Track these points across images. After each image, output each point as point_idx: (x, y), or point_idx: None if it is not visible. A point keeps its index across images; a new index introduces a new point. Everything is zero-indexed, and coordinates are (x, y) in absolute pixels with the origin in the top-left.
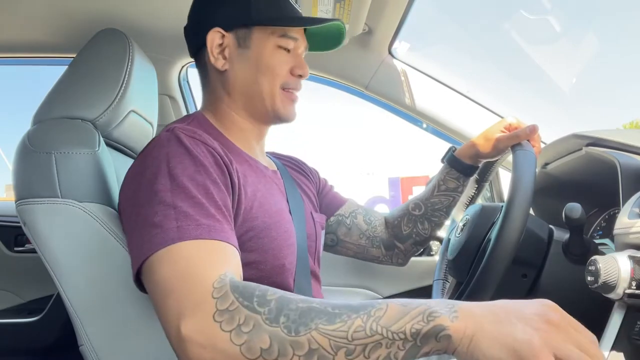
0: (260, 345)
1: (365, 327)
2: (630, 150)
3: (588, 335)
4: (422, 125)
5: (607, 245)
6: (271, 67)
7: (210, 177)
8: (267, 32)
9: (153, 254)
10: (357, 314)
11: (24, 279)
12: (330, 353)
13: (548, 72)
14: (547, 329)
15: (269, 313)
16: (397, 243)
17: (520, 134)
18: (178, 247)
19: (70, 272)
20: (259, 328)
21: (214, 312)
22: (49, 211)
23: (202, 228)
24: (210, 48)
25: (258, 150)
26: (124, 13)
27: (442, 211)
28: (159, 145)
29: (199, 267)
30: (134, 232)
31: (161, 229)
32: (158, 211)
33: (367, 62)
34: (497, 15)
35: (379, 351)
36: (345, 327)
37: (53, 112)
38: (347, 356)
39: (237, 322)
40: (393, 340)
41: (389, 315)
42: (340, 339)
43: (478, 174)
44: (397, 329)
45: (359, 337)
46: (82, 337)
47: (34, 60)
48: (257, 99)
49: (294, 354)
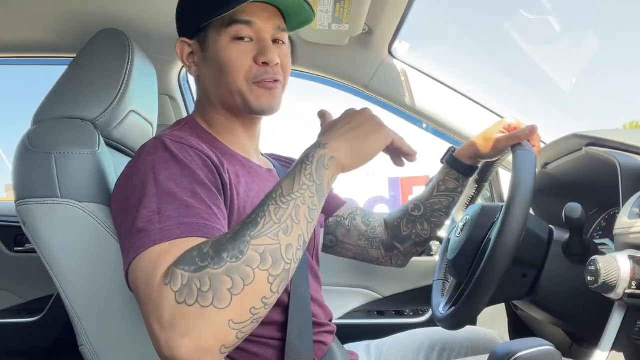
0: (226, 287)
1: (279, 206)
2: (630, 150)
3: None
4: (422, 125)
5: (607, 245)
6: (228, 63)
7: (197, 179)
8: (218, 27)
9: (135, 258)
10: (266, 205)
11: (24, 279)
12: (274, 244)
13: (548, 72)
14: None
15: (212, 260)
16: (396, 244)
17: (519, 135)
18: (146, 255)
19: (70, 272)
20: (214, 277)
21: (174, 297)
22: (48, 211)
23: (183, 227)
24: (181, 58)
25: (252, 149)
26: (124, 13)
27: (441, 212)
28: (146, 153)
29: (153, 273)
30: (122, 239)
31: (145, 233)
32: (144, 217)
33: (367, 62)
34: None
35: (301, 210)
36: (268, 218)
37: (53, 112)
38: (286, 235)
39: (196, 289)
40: (303, 195)
41: (287, 186)
42: (272, 228)
43: (478, 174)
44: (298, 187)
45: (282, 214)
46: (82, 337)
47: (34, 60)
48: (227, 97)
49: (253, 269)
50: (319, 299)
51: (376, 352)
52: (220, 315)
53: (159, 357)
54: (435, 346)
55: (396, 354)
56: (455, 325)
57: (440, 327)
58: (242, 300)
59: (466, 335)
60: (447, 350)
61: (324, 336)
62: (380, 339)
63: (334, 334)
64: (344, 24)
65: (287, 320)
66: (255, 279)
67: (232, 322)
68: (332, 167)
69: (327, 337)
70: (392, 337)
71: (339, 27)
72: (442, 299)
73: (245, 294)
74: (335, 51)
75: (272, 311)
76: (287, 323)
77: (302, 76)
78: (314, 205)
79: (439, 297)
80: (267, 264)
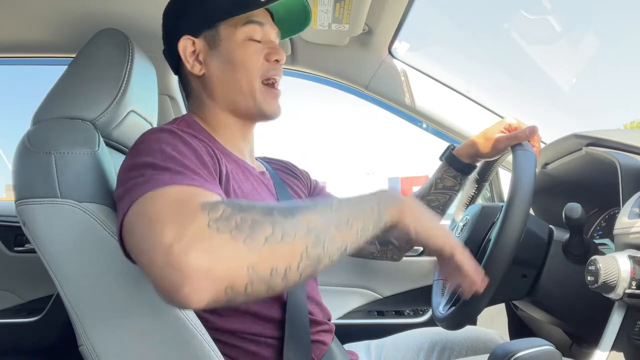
0: (264, 234)
1: (341, 208)
2: (630, 150)
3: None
4: (422, 125)
5: (607, 245)
6: (244, 60)
7: (200, 159)
8: (231, 26)
9: (141, 196)
10: (328, 204)
11: (24, 279)
12: (324, 227)
13: (548, 72)
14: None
15: (262, 210)
16: (391, 239)
17: (519, 135)
18: (169, 189)
19: (69, 272)
20: (256, 222)
21: (207, 222)
22: (48, 211)
23: (196, 180)
24: (184, 56)
25: (246, 152)
26: (124, 13)
27: (438, 209)
28: (150, 133)
29: (187, 199)
30: (122, 197)
31: (152, 179)
32: (149, 173)
33: (367, 62)
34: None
35: (356, 223)
36: (328, 209)
37: (53, 112)
38: (336, 229)
39: (234, 223)
40: (364, 213)
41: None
42: (327, 216)
43: (478, 174)
44: (366, 205)
45: (340, 214)
46: (82, 337)
47: (34, 60)
48: (239, 97)
49: (296, 234)
50: (316, 297)
51: (376, 352)
52: (245, 254)
53: (160, 266)
54: (435, 346)
55: (396, 354)
56: (455, 325)
57: (440, 327)
58: (271, 253)
59: (466, 335)
60: (447, 350)
61: (322, 335)
62: (380, 339)
63: (333, 334)
64: (344, 24)
65: (284, 319)
66: (293, 242)
67: (251, 267)
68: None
69: (325, 336)
70: (392, 337)
71: (339, 27)
72: (442, 299)
73: (277, 249)
74: (335, 51)
75: (270, 309)
76: (285, 322)
77: (302, 76)
78: (367, 229)
79: (439, 297)
80: (310, 238)
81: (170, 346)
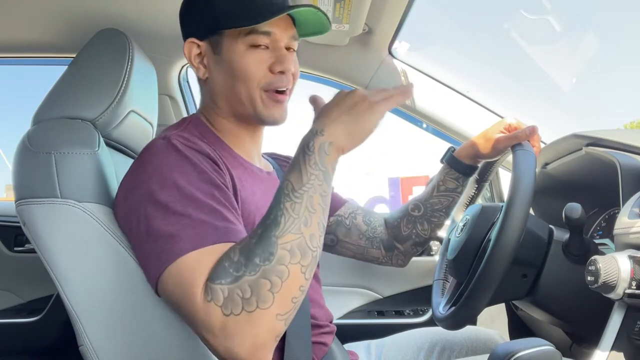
0: (266, 289)
1: (294, 201)
2: (630, 150)
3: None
4: (422, 125)
5: (607, 245)
6: (244, 71)
7: (213, 182)
8: (234, 34)
9: (172, 263)
10: (281, 203)
11: (24, 279)
12: (299, 237)
13: (548, 72)
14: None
15: (246, 268)
16: (396, 244)
17: (520, 135)
18: (191, 256)
19: (69, 272)
20: (253, 283)
21: (220, 311)
22: (48, 211)
23: (219, 231)
24: (189, 58)
25: (254, 152)
26: (124, 13)
27: (441, 212)
28: (159, 154)
29: (197, 280)
30: (146, 243)
31: (179, 237)
32: (173, 222)
33: (367, 62)
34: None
35: (314, 199)
36: (287, 215)
37: (53, 112)
38: (307, 226)
39: (239, 298)
40: (313, 186)
41: (295, 180)
42: (293, 224)
43: (478, 174)
44: (307, 179)
45: (298, 208)
46: (82, 337)
47: (34, 60)
48: (238, 105)
49: (286, 265)
50: (319, 301)
51: (376, 352)
52: (267, 313)
53: (216, 352)
54: (435, 346)
55: (396, 354)
56: (455, 325)
57: (440, 327)
58: (283, 295)
59: (466, 335)
60: (447, 350)
61: (323, 337)
62: (380, 339)
63: (334, 334)
64: (344, 24)
65: None
66: (290, 273)
67: (279, 315)
68: (333, 152)
69: (327, 337)
70: (392, 337)
71: (339, 27)
72: (442, 299)
73: (285, 288)
74: (335, 51)
75: None
76: None
77: (302, 76)
78: (325, 192)
79: (439, 297)
80: (297, 257)
81: (170, 346)
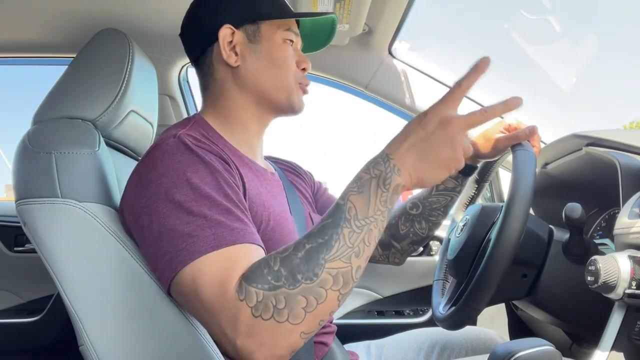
0: (300, 306)
1: (353, 230)
2: (630, 150)
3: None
4: None
5: (607, 245)
6: (284, 60)
7: (226, 182)
8: (274, 27)
9: (189, 263)
10: (339, 227)
11: (24, 279)
12: (347, 267)
13: (548, 72)
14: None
15: (287, 280)
16: (394, 242)
17: (520, 135)
18: (212, 257)
19: (70, 272)
20: (290, 297)
21: (250, 312)
22: (49, 211)
23: (236, 232)
24: (223, 45)
25: (257, 150)
26: (124, 13)
27: (439, 210)
28: (169, 153)
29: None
30: (159, 242)
31: (197, 238)
32: (188, 222)
33: (367, 62)
34: (497, 15)
35: (373, 234)
36: (342, 242)
37: (53, 112)
38: (357, 257)
39: (272, 306)
40: (376, 220)
41: (361, 208)
42: (345, 252)
43: (478, 174)
44: (373, 211)
45: (355, 239)
46: (82, 337)
47: (34, 60)
48: (272, 91)
49: (326, 290)
50: None
51: (376, 352)
52: (294, 329)
53: (233, 356)
54: (435, 346)
55: (396, 354)
56: (455, 325)
57: (440, 327)
58: (315, 316)
59: (466, 335)
60: (447, 350)
61: (324, 337)
62: (380, 339)
63: (334, 334)
64: (344, 24)
65: None
66: (327, 298)
67: (303, 333)
68: (400, 190)
69: (327, 337)
70: (392, 337)
71: (339, 27)
72: (442, 299)
73: (318, 310)
74: (335, 51)
75: None
76: None
77: None
78: (383, 228)
79: (439, 297)
80: (339, 285)
81: (170, 346)
